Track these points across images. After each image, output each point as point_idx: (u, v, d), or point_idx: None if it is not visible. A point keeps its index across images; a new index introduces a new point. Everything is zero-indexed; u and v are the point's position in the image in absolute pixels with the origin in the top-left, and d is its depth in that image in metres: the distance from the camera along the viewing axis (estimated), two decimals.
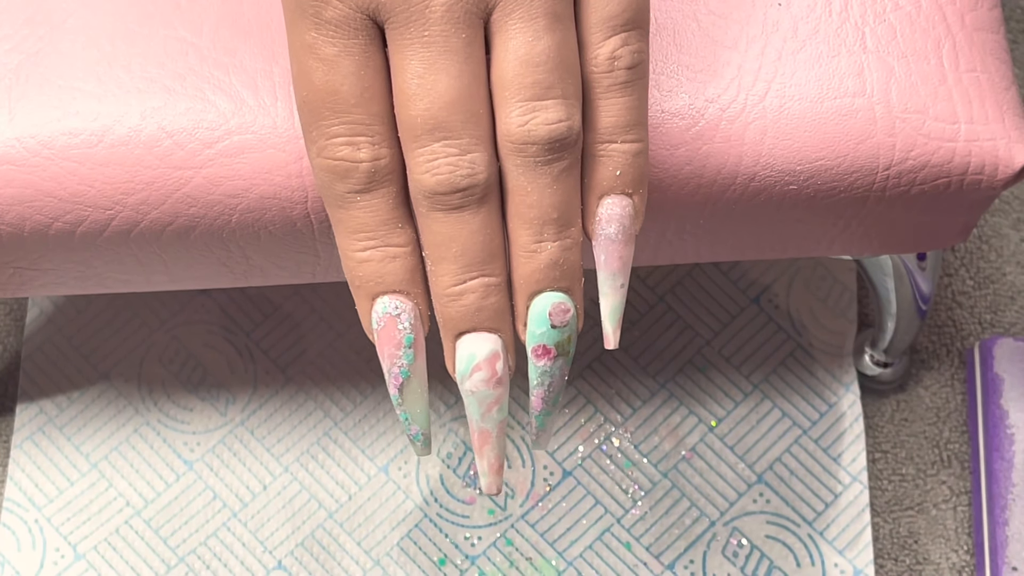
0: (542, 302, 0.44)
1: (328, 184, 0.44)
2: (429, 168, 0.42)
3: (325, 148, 0.43)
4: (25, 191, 0.49)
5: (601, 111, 0.44)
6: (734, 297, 0.79)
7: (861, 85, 0.50)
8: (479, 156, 0.43)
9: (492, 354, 0.45)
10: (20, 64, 0.49)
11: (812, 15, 0.51)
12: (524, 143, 0.43)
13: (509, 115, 0.43)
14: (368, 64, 0.43)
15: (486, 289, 0.44)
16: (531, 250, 0.44)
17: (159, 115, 0.49)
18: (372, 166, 0.43)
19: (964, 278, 0.81)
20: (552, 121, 0.42)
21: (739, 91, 0.50)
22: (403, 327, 0.44)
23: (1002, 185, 0.51)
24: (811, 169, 0.50)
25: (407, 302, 0.44)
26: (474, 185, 0.43)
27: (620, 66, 0.43)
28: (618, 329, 0.46)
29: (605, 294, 0.46)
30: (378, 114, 0.43)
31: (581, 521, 0.73)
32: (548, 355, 0.45)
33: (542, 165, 0.43)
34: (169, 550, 0.72)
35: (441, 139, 0.42)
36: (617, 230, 0.45)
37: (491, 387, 0.45)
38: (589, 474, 0.73)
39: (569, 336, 0.45)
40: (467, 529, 0.72)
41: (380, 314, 0.44)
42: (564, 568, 0.72)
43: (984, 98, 0.50)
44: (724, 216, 0.52)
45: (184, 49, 0.50)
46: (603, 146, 0.44)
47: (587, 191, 0.45)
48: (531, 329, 0.45)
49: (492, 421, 0.46)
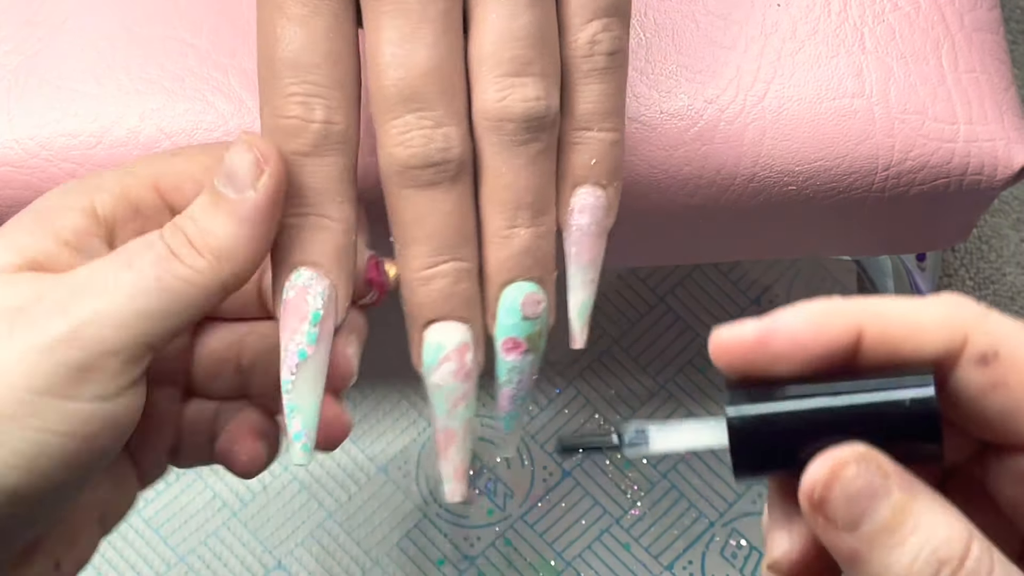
0: (513, 292, 0.42)
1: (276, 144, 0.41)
2: (402, 140, 0.41)
3: (279, 107, 0.41)
4: (24, 193, 0.49)
5: (579, 97, 0.43)
6: (734, 298, 0.79)
7: (860, 86, 0.50)
8: (454, 131, 0.41)
9: (462, 344, 0.42)
10: (19, 65, 0.49)
11: (811, 16, 0.51)
12: (500, 120, 0.41)
13: (486, 90, 0.41)
14: (338, 29, 0.41)
15: (457, 274, 0.42)
16: (504, 235, 0.42)
17: (158, 116, 0.49)
18: (324, 127, 0.40)
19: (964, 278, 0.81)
20: (530, 98, 0.41)
21: (738, 92, 0.50)
22: (312, 301, 0.40)
23: (1001, 185, 0.51)
24: (810, 170, 0.50)
25: (324, 279, 0.41)
26: (448, 160, 0.41)
27: (599, 51, 0.42)
28: (586, 327, 0.44)
29: (574, 288, 0.44)
30: (339, 80, 0.41)
31: (580, 522, 0.73)
32: (518, 348, 0.43)
33: (518, 145, 0.41)
34: (169, 549, 0.72)
35: (415, 110, 0.41)
36: (590, 221, 0.43)
37: (459, 380, 0.42)
38: (588, 475, 0.73)
39: (540, 330, 0.43)
40: (466, 529, 0.72)
41: (292, 282, 0.41)
42: (563, 568, 0.72)
43: (983, 99, 0.50)
44: (723, 217, 0.52)
45: (183, 50, 0.50)
46: (579, 133, 0.43)
47: (560, 179, 0.43)
48: (501, 320, 0.43)
49: (459, 419, 0.43)
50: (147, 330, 0.37)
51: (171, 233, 0.38)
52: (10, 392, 0.35)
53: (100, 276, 0.37)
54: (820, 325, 0.31)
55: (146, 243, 0.38)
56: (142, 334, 0.37)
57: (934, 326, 0.31)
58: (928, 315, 0.31)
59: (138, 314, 0.37)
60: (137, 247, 0.38)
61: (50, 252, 0.38)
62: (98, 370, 0.36)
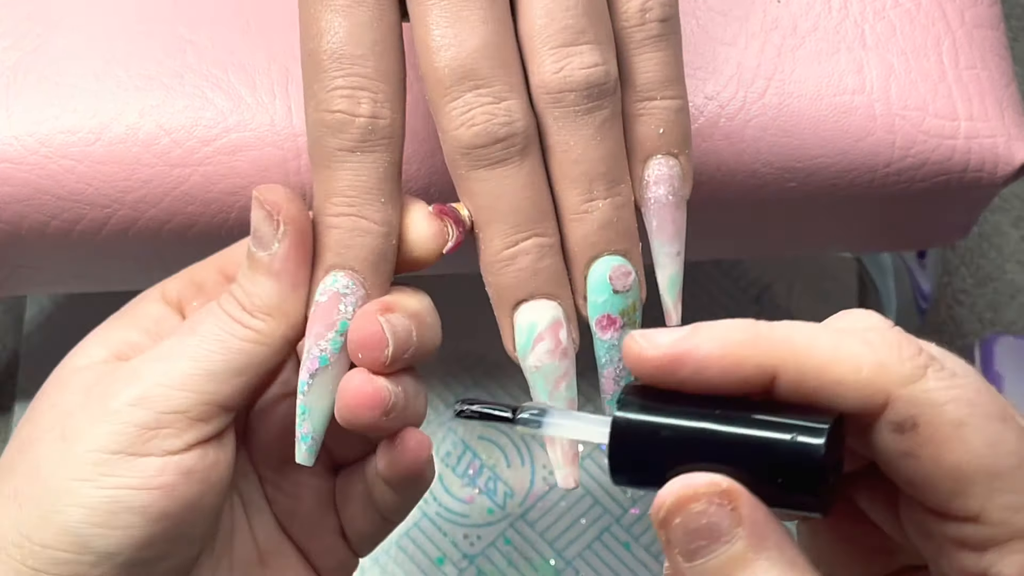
0: (600, 267, 0.41)
1: (319, 140, 0.40)
2: (464, 120, 0.40)
3: (323, 101, 0.40)
4: (23, 189, 0.49)
5: (637, 67, 0.42)
6: (735, 296, 0.79)
7: (861, 82, 0.50)
8: (515, 103, 0.40)
9: (554, 321, 0.41)
10: (18, 61, 0.49)
11: (812, 12, 0.51)
12: (561, 91, 0.40)
13: (542, 63, 0.40)
14: (382, 18, 0.40)
15: (540, 250, 0.41)
16: (582, 211, 0.41)
17: (157, 113, 0.49)
18: (370, 122, 0.40)
19: (964, 276, 0.81)
20: (588, 64, 0.40)
21: (739, 88, 0.49)
22: (344, 310, 0.40)
23: (1002, 182, 0.51)
24: (811, 166, 0.50)
25: (360, 288, 0.40)
26: (513, 134, 0.40)
27: (651, 18, 0.42)
28: (679, 302, 0.43)
29: (661, 264, 0.43)
30: (386, 72, 0.40)
31: (580, 521, 0.73)
32: (614, 325, 0.42)
33: (583, 115, 0.40)
34: None
35: (472, 88, 0.40)
36: (667, 191, 0.42)
37: (557, 359, 0.41)
38: (588, 473, 0.73)
39: (633, 303, 0.42)
40: (466, 528, 0.72)
41: (327, 286, 0.40)
42: (563, 568, 0.72)
43: (984, 95, 0.50)
44: (724, 214, 0.52)
45: (182, 47, 0.50)
46: (642, 104, 0.42)
47: (630, 153, 0.42)
48: (592, 299, 0.41)
49: (561, 400, 0.42)
50: (213, 390, 0.39)
51: (226, 299, 0.40)
52: (85, 455, 0.38)
53: (167, 344, 0.40)
54: (732, 362, 0.30)
55: (207, 311, 0.40)
56: (208, 393, 0.39)
57: (854, 384, 0.30)
58: (851, 369, 0.30)
59: (203, 375, 0.39)
60: (200, 315, 0.40)
61: (133, 341, 0.41)
62: (166, 427, 0.38)
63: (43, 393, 0.42)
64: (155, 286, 0.44)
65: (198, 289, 0.43)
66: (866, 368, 0.30)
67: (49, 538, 0.38)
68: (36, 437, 0.40)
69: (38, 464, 0.39)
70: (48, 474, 0.39)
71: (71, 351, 0.43)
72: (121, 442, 0.38)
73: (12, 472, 0.40)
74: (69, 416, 0.39)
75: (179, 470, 0.38)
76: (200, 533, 0.40)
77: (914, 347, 0.31)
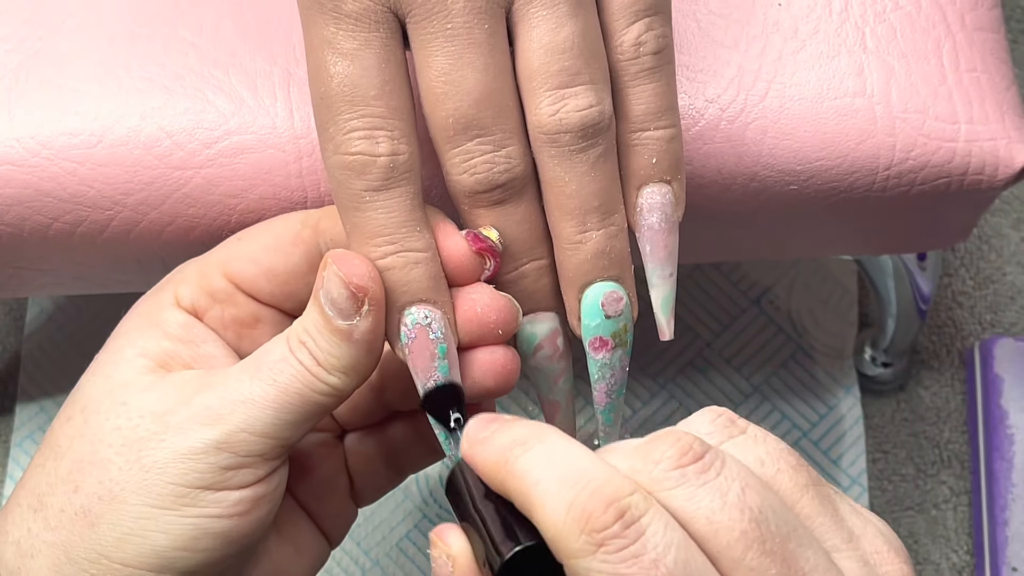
0: (593, 293, 0.44)
1: (344, 183, 0.42)
2: (466, 168, 0.42)
3: (342, 144, 0.41)
4: (25, 191, 0.49)
5: (631, 99, 0.43)
6: (735, 298, 0.79)
7: (861, 85, 0.50)
8: (514, 149, 0.42)
9: (552, 331, 0.45)
10: (20, 64, 0.49)
11: (812, 15, 0.51)
12: (557, 132, 0.42)
13: (539, 105, 0.42)
14: (389, 59, 0.42)
15: (537, 272, 0.44)
16: (576, 241, 0.43)
17: (159, 115, 0.49)
18: (391, 160, 0.41)
19: (964, 278, 0.81)
20: (583, 107, 0.42)
21: (739, 91, 0.50)
22: (435, 337, 0.42)
23: (1002, 185, 0.51)
24: (811, 169, 0.50)
25: (436, 310, 0.42)
26: (512, 179, 0.42)
27: (646, 51, 0.43)
28: (671, 319, 0.45)
29: (655, 285, 0.45)
30: (398, 109, 0.42)
31: None
32: (606, 347, 0.44)
33: (577, 153, 0.42)
34: None
35: (474, 137, 0.42)
36: (660, 219, 0.44)
37: (555, 361, 0.46)
38: None
39: (625, 325, 0.44)
40: None
41: (410, 326, 0.42)
42: None
43: (984, 98, 0.50)
44: (724, 216, 0.52)
45: (184, 49, 0.50)
46: (636, 135, 0.44)
47: (625, 182, 0.44)
48: (585, 322, 0.44)
49: (560, 392, 0.46)
50: (289, 435, 0.42)
51: (299, 349, 0.41)
52: (167, 488, 0.41)
53: (246, 389, 0.41)
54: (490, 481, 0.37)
55: (281, 358, 0.42)
56: (284, 438, 0.42)
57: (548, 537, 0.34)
58: (543, 525, 0.34)
59: (282, 424, 0.41)
60: (275, 363, 0.42)
61: (168, 350, 0.43)
62: (245, 467, 0.41)
63: (92, 409, 0.43)
64: (160, 288, 0.45)
65: (210, 298, 0.45)
66: (550, 531, 0.34)
67: (130, 558, 0.41)
68: (106, 458, 0.41)
69: (113, 488, 0.41)
70: (128, 499, 0.41)
71: (99, 361, 0.44)
72: (204, 480, 0.41)
73: (76, 490, 0.42)
74: (144, 445, 0.41)
75: (254, 498, 0.42)
76: (259, 541, 0.44)
77: (609, 514, 0.33)
